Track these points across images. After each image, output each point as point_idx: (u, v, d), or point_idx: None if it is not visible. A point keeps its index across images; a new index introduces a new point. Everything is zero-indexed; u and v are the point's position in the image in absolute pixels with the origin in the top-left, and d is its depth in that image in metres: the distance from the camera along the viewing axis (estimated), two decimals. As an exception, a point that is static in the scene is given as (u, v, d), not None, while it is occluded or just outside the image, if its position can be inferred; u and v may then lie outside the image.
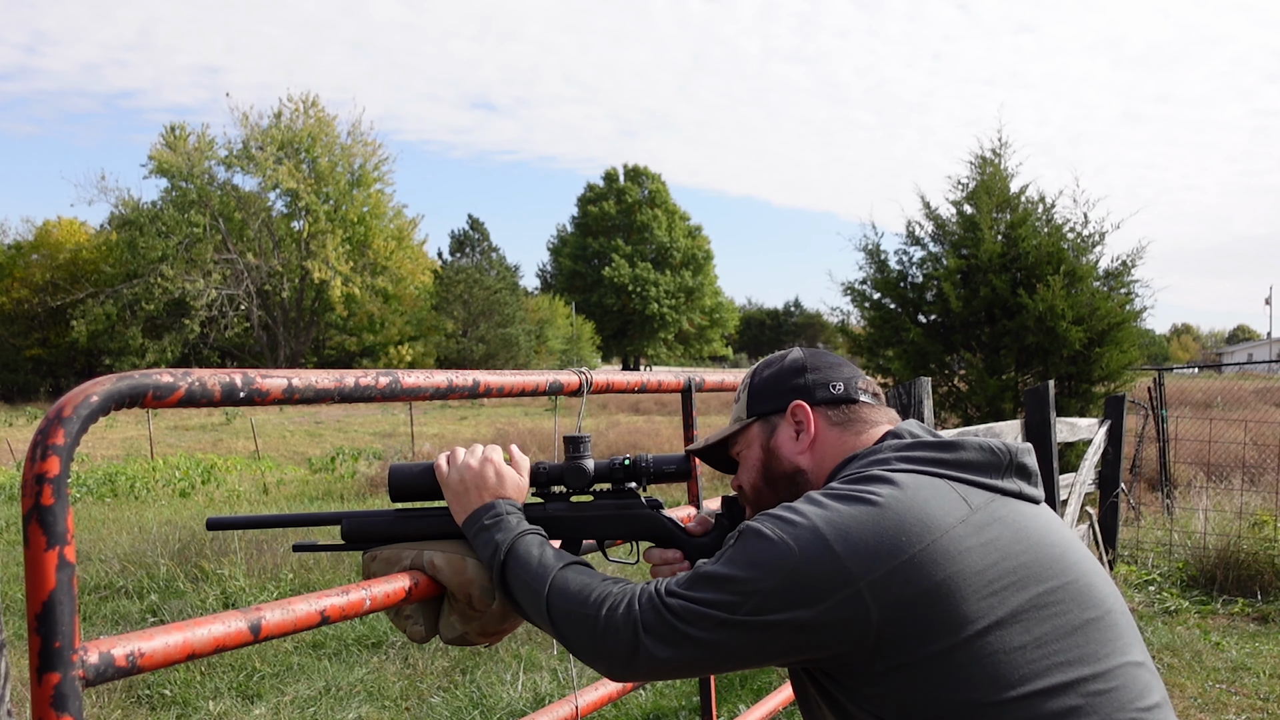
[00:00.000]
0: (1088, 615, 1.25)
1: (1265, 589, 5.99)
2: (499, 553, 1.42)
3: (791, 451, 1.49)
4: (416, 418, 20.21)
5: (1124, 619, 1.31)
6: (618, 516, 1.58)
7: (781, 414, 1.51)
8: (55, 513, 0.99)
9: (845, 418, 1.48)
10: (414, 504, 1.56)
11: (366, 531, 1.54)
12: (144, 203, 48.43)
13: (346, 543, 1.55)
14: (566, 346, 55.61)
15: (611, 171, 67.46)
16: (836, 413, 1.49)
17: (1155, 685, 1.28)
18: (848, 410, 1.49)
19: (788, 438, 1.49)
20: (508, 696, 4.44)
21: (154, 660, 1.10)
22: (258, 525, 1.56)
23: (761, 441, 1.52)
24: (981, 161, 10.39)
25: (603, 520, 1.59)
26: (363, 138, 51.78)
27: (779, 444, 1.50)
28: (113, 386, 1.08)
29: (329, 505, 11.96)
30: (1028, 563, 1.25)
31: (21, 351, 45.61)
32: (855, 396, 1.50)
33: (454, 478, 1.52)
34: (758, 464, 1.52)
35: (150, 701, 4.62)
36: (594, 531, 1.59)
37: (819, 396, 1.49)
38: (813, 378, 1.51)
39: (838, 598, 1.21)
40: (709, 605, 1.25)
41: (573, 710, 1.89)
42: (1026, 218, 9.97)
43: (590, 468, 1.56)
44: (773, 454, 1.50)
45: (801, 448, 1.48)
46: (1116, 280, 9.99)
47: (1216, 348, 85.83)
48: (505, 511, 1.47)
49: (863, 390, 1.51)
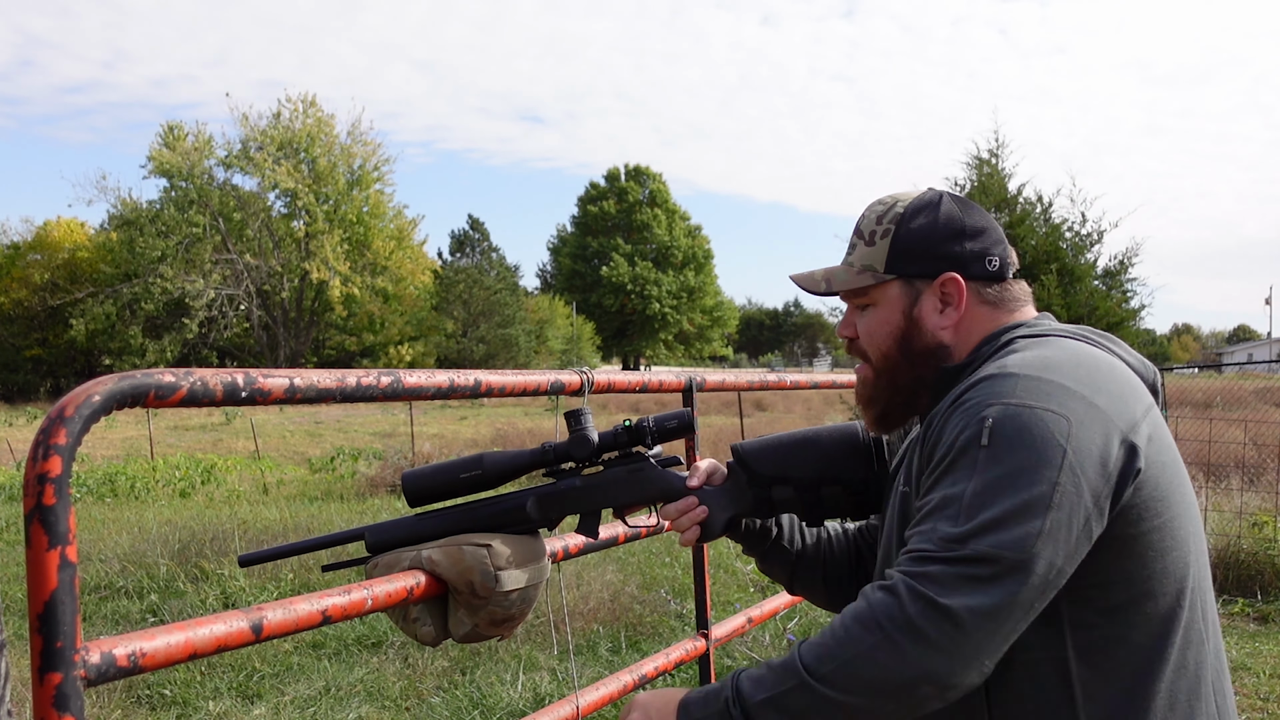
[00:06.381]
0: (1195, 525, 1.26)
1: (1265, 589, 5.99)
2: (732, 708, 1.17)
3: (936, 325, 1.36)
4: (417, 418, 20.18)
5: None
6: (628, 481, 1.55)
7: (929, 281, 1.36)
8: (57, 512, 0.99)
9: (997, 296, 1.36)
10: (432, 506, 1.56)
11: (390, 539, 1.53)
12: (143, 202, 48.46)
13: (371, 554, 1.55)
14: (566, 346, 55.56)
15: (613, 171, 67.45)
16: (989, 290, 1.36)
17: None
18: (1000, 288, 1.36)
19: (932, 309, 1.36)
20: (508, 696, 4.43)
21: (156, 660, 1.10)
22: (287, 555, 1.55)
23: (903, 307, 1.37)
24: (979, 162, 10.40)
25: (615, 487, 1.55)
26: (362, 138, 51.78)
27: (923, 314, 1.36)
28: (115, 386, 1.08)
29: (329, 505, 11.94)
30: (1178, 463, 1.26)
31: (21, 351, 45.57)
32: (1007, 273, 1.37)
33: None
34: (896, 332, 1.37)
35: (150, 701, 4.62)
36: (609, 500, 1.55)
37: (973, 271, 1.35)
38: (971, 247, 1.35)
39: (1117, 450, 1.15)
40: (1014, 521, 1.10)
41: (573, 710, 1.88)
42: (1025, 217, 9.99)
43: (593, 437, 1.54)
44: (915, 324, 1.36)
45: (947, 323, 1.35)
46: (1114, 279, 10.00)
47: (1217, 348, 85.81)
48: (691, 700, 1.22)
49: (1011, 264, 1.38)
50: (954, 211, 1.37)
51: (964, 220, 1.36)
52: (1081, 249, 9.91)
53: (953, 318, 1.35)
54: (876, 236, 1.39)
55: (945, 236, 1.35)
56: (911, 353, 1.36)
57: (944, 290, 1.35)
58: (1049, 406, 1.15)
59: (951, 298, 1.35)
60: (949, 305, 1.35)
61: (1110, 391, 1.19)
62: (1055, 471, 1.11)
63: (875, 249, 1.38)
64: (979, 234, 1.36)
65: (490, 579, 1.46)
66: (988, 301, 1.36)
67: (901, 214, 1.38)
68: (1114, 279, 9.94)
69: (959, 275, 1.35)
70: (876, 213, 1.40)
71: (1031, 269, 9.57)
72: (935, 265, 1.35)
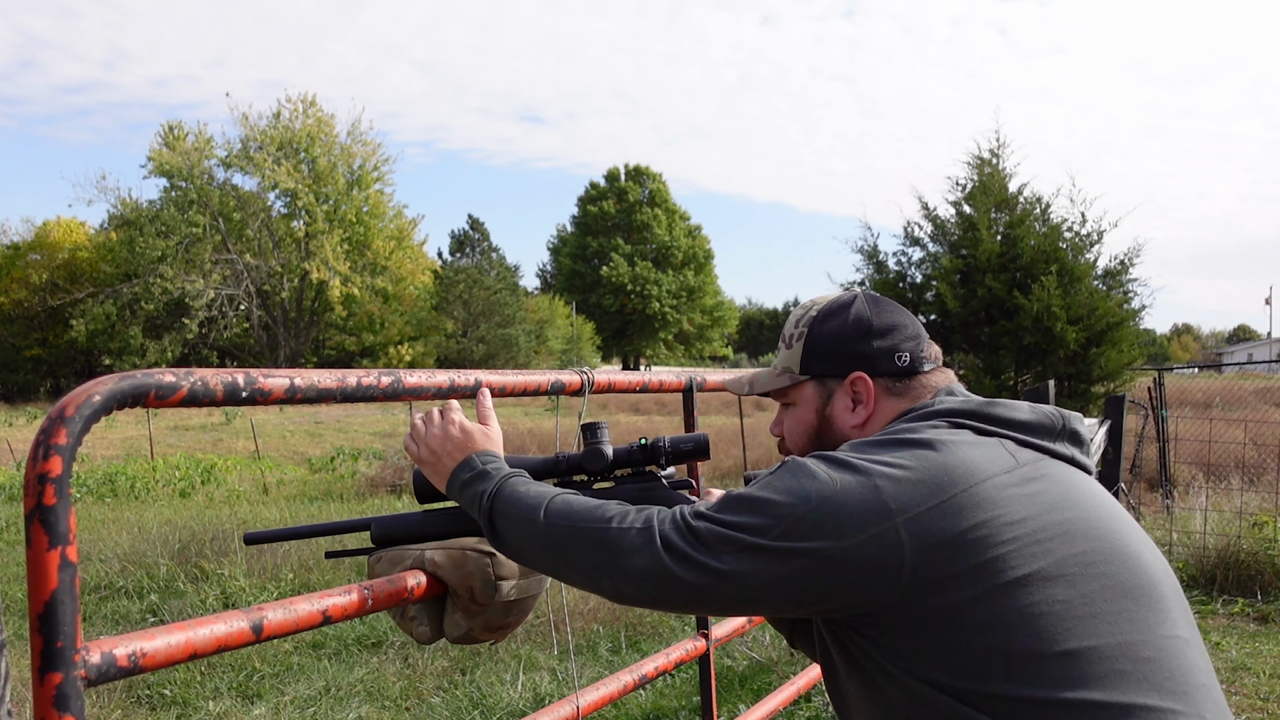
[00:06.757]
0: (1138, 582, 1.20)
1: (1265, 589, 5.99)
2: (484, 500, 1.35)
3: (846, 423, 1.41)
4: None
5: (1174, 596, 1.24)
6: (638, 499, 1.55)
7: (839, 380, 1.42)
8: (58, 512, 0.99)
9: (906, 389, 1.40)
10: (439, 504, 1.57)
11: (396, 533, 1.54)
12: (143, 202, 48.46)
13: (376, 546, 1.56)
14: (566, 346, 55.55)
15: (613, 171, 67.42)
16: (898, 385, 1.40)
17: (1204, 665, 1.21)
18: (909, 383, 1.40)
19: (844, 408, 1.41)
20: (508, 696, 4.43)
21: (156, 660, 1.10)
22: (294, 537, 1.56)
23: (817, 406, 1.44)
24: (980, 162, 10.40)
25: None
26: (361, 137, 51.79)
27: (834, 413, 1.42)
28: (115, 386, 1.08)
29: (329, 505, 11.95)
30: (1073, 519, 1.20)
31: (21, 351, 45.57)
32: (920, 368, 1.41)
33: (423, 452, 1.45)
34: (810, 430, 1.45)
35: (150, 701, 4.62)
36: None
37: (882, 368, 1.40)
38: (878, 345, 1.40)
39: (873, 532, 1.16)
40: (738, 528, 1.19)
41: (573, 710, 1.89)
42: (1025, 218, 9.99)
43: (608, 452, 1.55)
44: (827, 422, 1.43)
45: (857, 420, 1.40)
46: (1114, 280, 10.00)
47: (1217, 347, 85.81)
48: (482, 464, 1.40)
49: (926, 358, 1.42)
50: (864, 312, 1.43)
51: (872, 320, 1.42)
52: (1081, 249, 9.91)
53: (862, 415, 1.40)
54: (793, 340, 1.47)
55: (854, 336, 1.42)
56: (824, 447, 1.41)
57: (854, 389, 1.41)
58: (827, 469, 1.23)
59: (861, 396, 1.41)
60: (859, 403, 1.41)
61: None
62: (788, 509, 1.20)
63: (792, 352, 1.46)
64: (887, 332, 1.42)
65: (491, 587, 1.46)
66: (896, 395, 1.40)
67: (814, 317, 1.45)
68: (1114, 279, 9.94)
69: (866, 374, 1.40)
70: (796, 316, 1.49)
71: (1031, 269, 9.57)
72: (844, 365, 1.41)
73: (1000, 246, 9.72)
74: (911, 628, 1.17)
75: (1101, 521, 1.23)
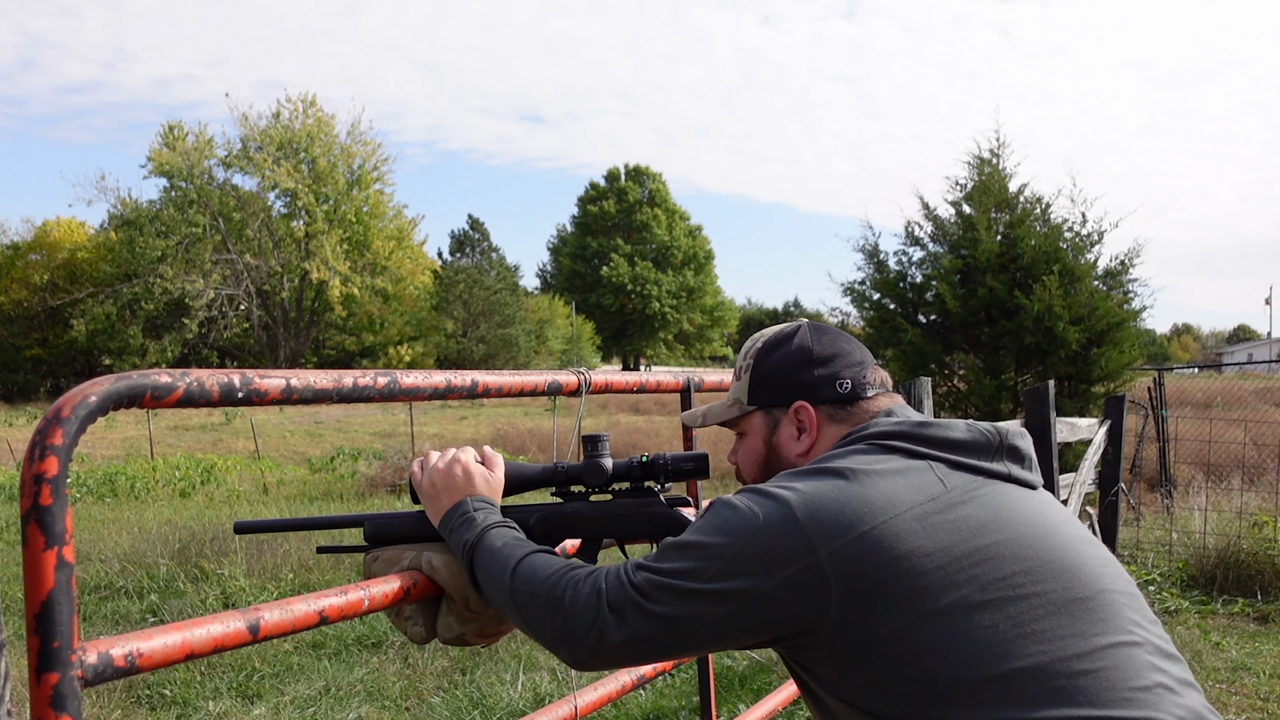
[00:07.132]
0: (1075, 595, 1.21)
1: (1265, 589, 5.99)
2: (465, 550, 1.41)
3: (792, 452, 1.45)
4: (417, 418, 20.19)
5: (1123, 598, 1.25)
6: (636, 515, 1.56)
7: (784, 409, 1.46)
8: (54, 513, 0.99)
9: (848, 415, 1.44)
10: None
11: (389, 533, 1.54)
12: (143, 202, 48.45)
13: (370, 544, 1.56)
14: (566, 346, 55.58)
15: (613, 171, 67.43)
16: (840, 411, 1.44)
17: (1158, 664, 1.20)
18: (852, 409, 1.44)
19: (789, 437, 1.46)
20: (507, 696, 4.44)
21: (152, 660, 1.10)
22: (284, 528, 1.57)
23: (765, 435, 1.48)
24: (980, 162, 10.40)
25: (621, 519, 1.57)
26: (361, 137, 51.78)
27: (780, 442, 1.47)
28: (111, 387, 1.08)
29: (329, 505, 11.95)
30: (1002, 541, 1.21)
31: (21, 351, 45.59)
32: (862, 394, 1.44)
33: (425, 483, 1.51)
34: (759, 458, 1.49)
35: (150, 701, 4.62)
36: (613, 530, 1.57)
37: (824, 395, 1.44)
38: (820, 373, 1.44)
39: (797, 566, 1.19)
40: (674, 575, 1.23)
41: (572, 710, 1.89)
42: (1025, 218, 9.98)
43: (608, 466, 1.55)
44: (774, 450, 1.47)
45: (802, 448, 1.44)
46: (1115, 280, 10.00)
47: (1217, 347, 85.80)
48: (473, 509, 1.45)
49: (870, 384, 1.45)
50: (806, 341, 1.47)
51: (814, 349, 1.46)
52: (1082, 249, 9.91)
53: (806, 443, 1.44)
54: (743, 371, 1.52)
55: (796, 366, 1.46)
56: (773, 473, 1.44)
57: (798, 417, 1.45)
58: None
59: (805, 424, 1.45)
60: (803, 431, 1.45)
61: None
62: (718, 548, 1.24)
63: (741, 383, 1.51)
64: (829, 360, 1.45)
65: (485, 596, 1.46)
66: (838, 422, 1.43)
67: (759, 349, 1.51)
68: (1115, 279, 9.94)
69: (809, 402, 1.44)
70: (745, 348, 1.55)
71: (1032, 269, 9.57)
72: (788, 394, 1.46)
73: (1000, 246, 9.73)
74: (845, 658, 1.21)
75: (1035, 540, 1.24)
